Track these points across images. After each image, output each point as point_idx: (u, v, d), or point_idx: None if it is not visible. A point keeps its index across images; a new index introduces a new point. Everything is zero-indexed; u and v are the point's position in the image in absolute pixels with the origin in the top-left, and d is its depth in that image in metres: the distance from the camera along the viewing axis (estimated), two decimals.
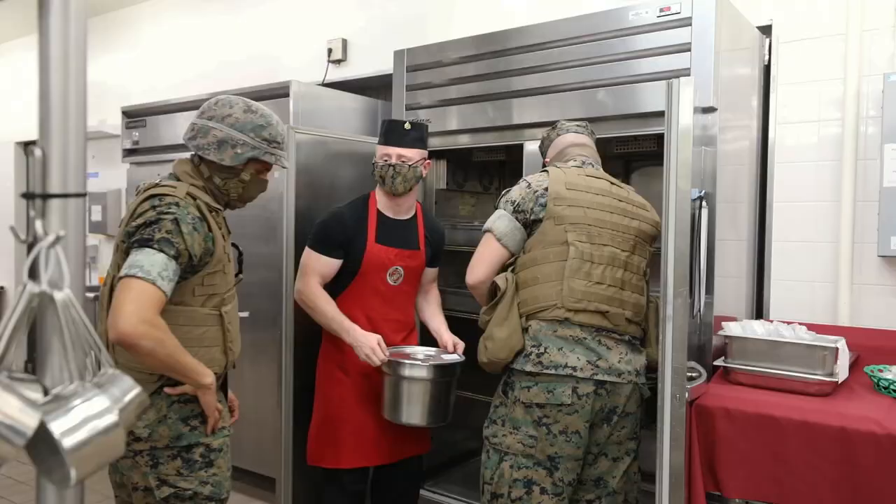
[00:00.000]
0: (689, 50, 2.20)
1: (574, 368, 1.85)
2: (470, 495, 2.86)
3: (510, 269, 1.98)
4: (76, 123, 0.87)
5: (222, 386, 1.85)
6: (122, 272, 1.51)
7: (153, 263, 1.50)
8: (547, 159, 2.21)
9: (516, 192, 1.99)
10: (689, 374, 1.79)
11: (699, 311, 2.02)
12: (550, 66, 2.50)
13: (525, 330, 1.91)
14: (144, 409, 0.86)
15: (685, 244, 1.72)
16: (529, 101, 2.56)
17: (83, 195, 0.87)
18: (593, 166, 2.10)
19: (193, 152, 1.76)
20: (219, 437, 1.74)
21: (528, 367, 1.88)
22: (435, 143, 2.85)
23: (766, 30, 2.59)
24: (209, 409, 1.67)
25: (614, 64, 2.37)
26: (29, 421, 0.72)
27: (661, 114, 2.19)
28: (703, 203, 2.00)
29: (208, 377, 1.63)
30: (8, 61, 6.02)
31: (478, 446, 3.36)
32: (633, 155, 2.98)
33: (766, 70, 2.60)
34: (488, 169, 3.40)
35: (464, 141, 2.78)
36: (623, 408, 1.92)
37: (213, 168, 1.75)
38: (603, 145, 2.86)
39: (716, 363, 2.12)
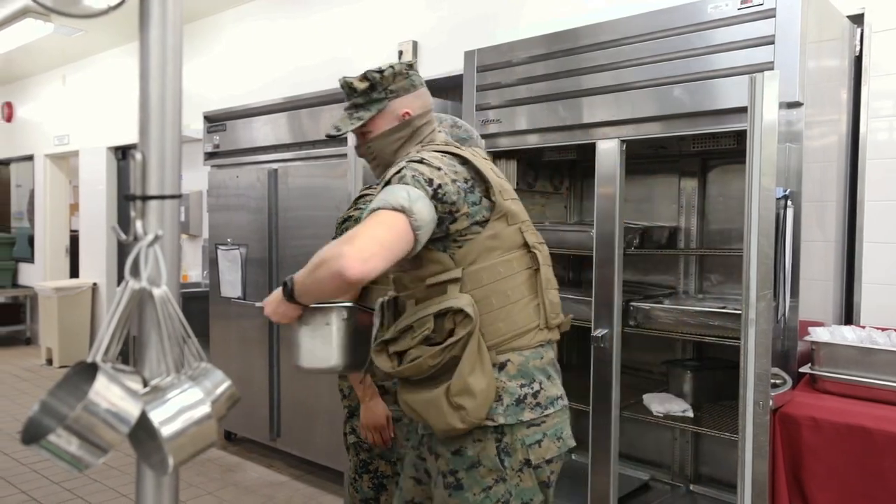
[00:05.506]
0: (772, 43, 2.10)
1: (560, 397, 1.54)
2: None
3: (426, 282, 1.47)
4: (172, 128, 0.92)
5: None
6: None
7: None
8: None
9: (429, 171, 1.43)
10: (773, 380, 1.71)
11: (783, 315, 1.93)
12: (623, 64, 2.45)
13: (502, 367, 1.46)
14: (235, 402, 0.90)
15: (769, 245, 1.65)
16: (601, 99, 2.51)
17: (178, 196, 0.92)
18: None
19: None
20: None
21: (528, 415, 1.45)
22: (505, 143, 2.84)
23: (857, 19, 2.45)
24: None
25: (691, 59, 2.29)
26: (132, 410, 0.76)
27: (741, 110, 2.12)
28: (788, 202, 1.91)
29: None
30: (100, 71, 6.40)
31: None
32: (711, 153, 2.88)
33: (857, 61, 2.46)
34: (559, 169, 3.37)
35: (534, 141, 2.76)
36: None
37: None
38: (678, 143, 2.80)
39: (801, 370, 2.02)
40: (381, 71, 1.61)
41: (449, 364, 1.42)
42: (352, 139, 2.61)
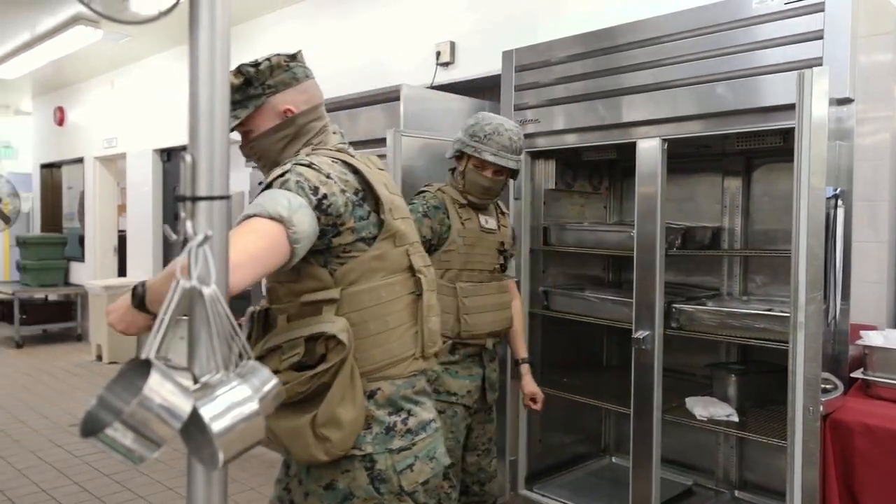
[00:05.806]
0: (821, 38, 2.04)
1: (432, 420, 1.48)
2: (578, 501, 2.81)
3: (301, 298, 1.37)
4: (221, 131, 0.94)
5: (478, 355, 2.19)
6: None
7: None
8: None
9: (315, 178, 1.32)
10: (824, 385, 1.66)
11: (834, 318, 1.88)
12: (664, 61, 2.41)
13: (371, 395, 1.38)
14: (281, 400, 0.91)
15: (819, 246, 1.61)
16: (641, 97, 2.47)
17: (227, 197, 0.94)
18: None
19: None
20: None
21: (397, 443, 1.38)
22: (543, 143, 2.82)
23: None
24: None
25: (735, 56, 2.24)
26: (184, 405, 0.78)
27: (787, 107, 2.07)
28: (839, 202, 1.86)
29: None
30: (147, 75, 6.59)
31: (587, 451, 3.31)
32: (756, 151, 2.81)
33: None
34: (598, 168, 3.33)
35: (572, 140, 2.74)
36: None
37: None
38: (722, 141, 2.74)
39: (853, 375, 1.96)
40: (256, 64, 1.48)
41: (318, 390, 1.31)
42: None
